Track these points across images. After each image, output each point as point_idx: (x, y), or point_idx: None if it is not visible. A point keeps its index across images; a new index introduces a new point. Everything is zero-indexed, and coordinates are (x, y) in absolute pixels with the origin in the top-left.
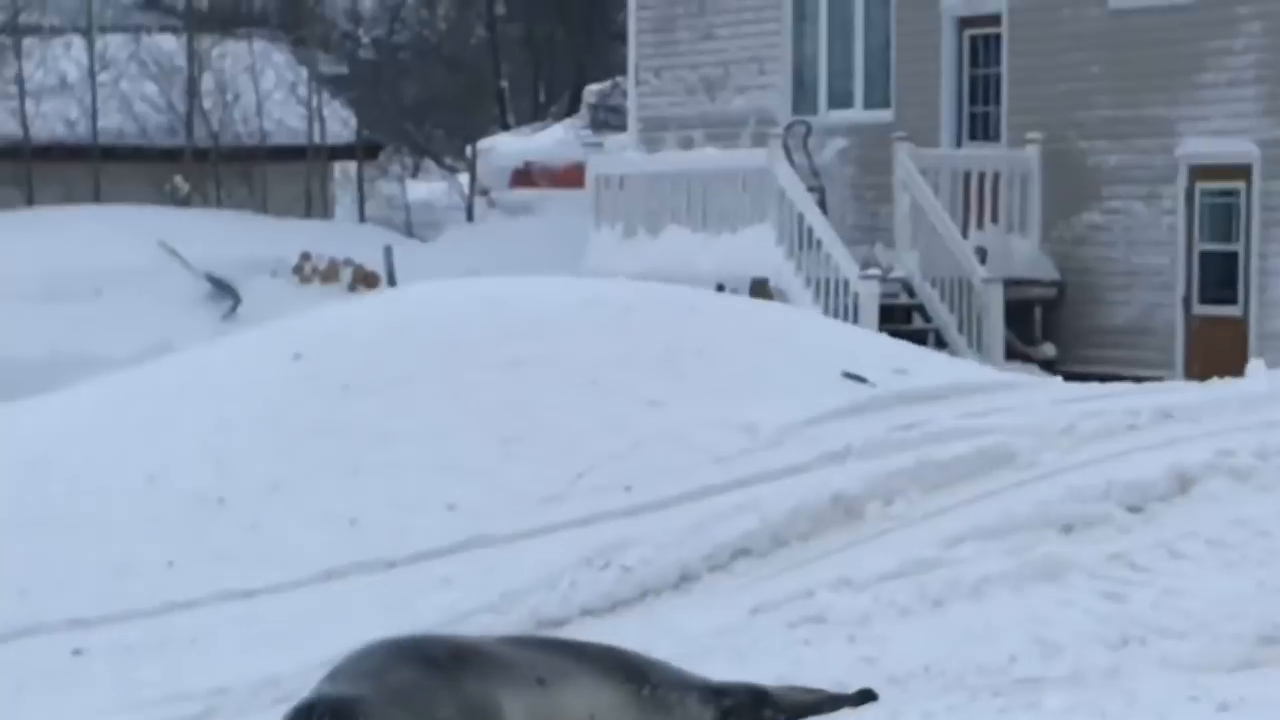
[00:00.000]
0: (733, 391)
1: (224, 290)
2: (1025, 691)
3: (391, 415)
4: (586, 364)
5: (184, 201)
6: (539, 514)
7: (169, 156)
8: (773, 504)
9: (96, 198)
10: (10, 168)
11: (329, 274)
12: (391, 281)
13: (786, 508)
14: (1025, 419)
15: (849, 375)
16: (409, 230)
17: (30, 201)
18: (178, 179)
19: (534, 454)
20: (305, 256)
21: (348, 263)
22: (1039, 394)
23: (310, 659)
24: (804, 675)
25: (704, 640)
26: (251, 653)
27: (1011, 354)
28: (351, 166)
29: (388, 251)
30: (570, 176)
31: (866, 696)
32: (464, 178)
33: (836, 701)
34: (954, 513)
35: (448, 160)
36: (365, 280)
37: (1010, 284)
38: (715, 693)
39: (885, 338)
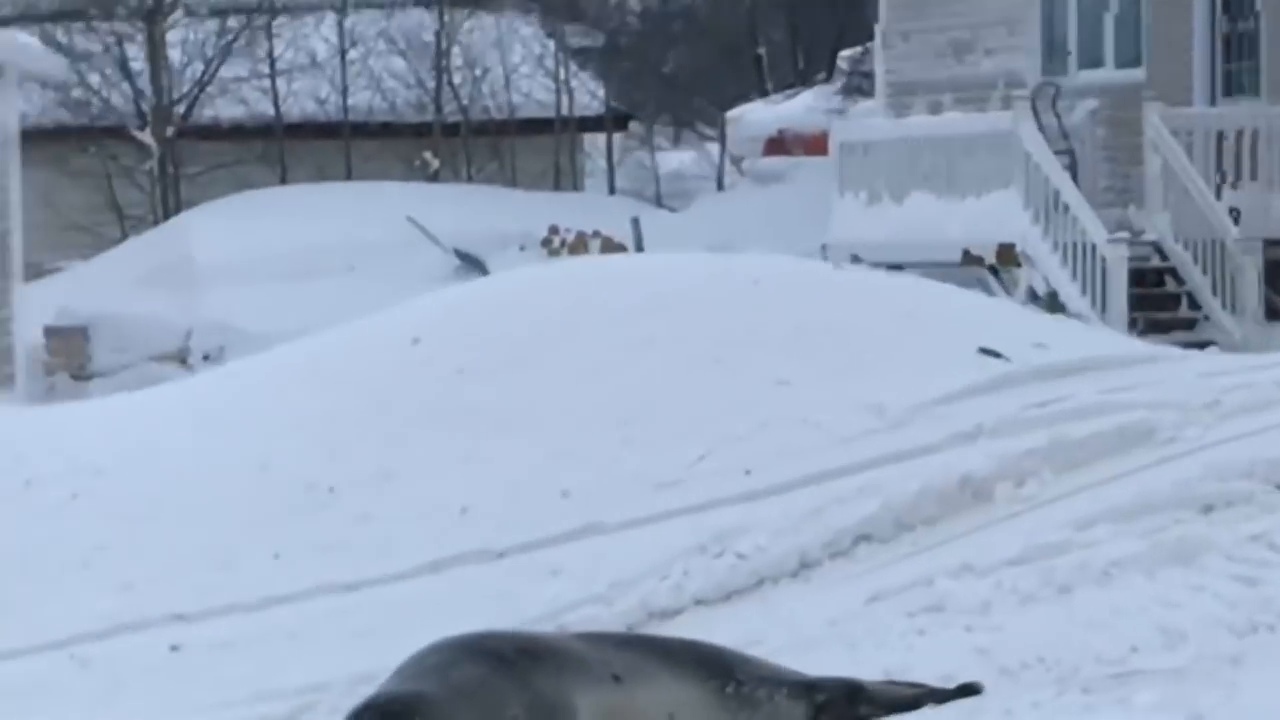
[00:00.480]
0: (862, 370)
1: (473, 265)
2: (1120, 686)
3: (507, 399)
4: (712, 342)
5: (433, 177)
6: (654, 500)
7: (418, 132)
8: (897, 487)
9: (348, 175)
10: (263, 147)
11: (577, 246)
12: (640, 253)
13: (911, 491)
14: (1168, 393)
15: (984, 351)
16: (659, 201)
17: (283, 180)
18: (427, 154)
19: (652, 437)
20: (553, 230)
21: (596, 235)
22: (1185, 367)
23: (409, 654)
24: (915, 667)
25: (816, 630)
26: (351, 648)
27: (1273, 314)
28: (603, 139)
29: (635, 223)
30: (822, 143)
31: (968, 690)
32: (714, 147)
33: (936, 696)
34: (1087, 493)
35: (704, 129)
36: (614, 251)
37: (1270, 244)
38: (807, 688)
39: (1028, 311)
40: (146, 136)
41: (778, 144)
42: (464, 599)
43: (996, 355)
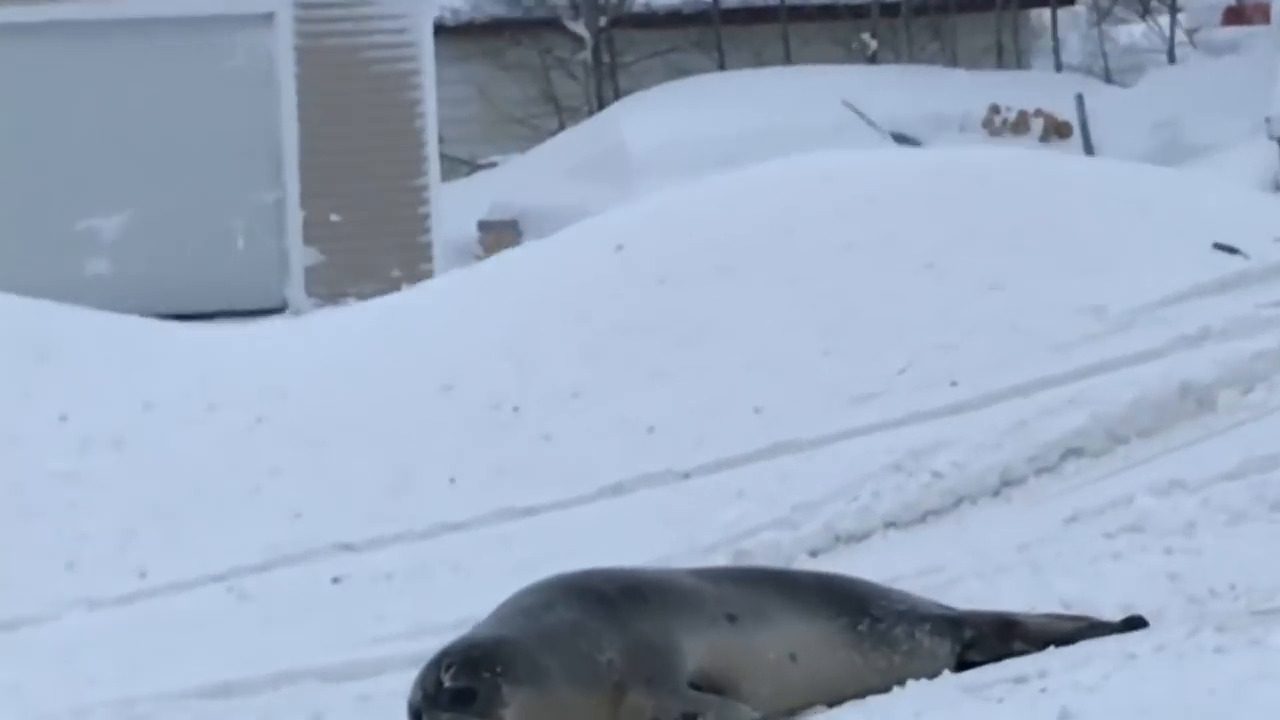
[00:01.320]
0: (1083, 270)
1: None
2: (1260, 624)
3: (706, 310)
4: (924, 245)
5: (871, 59)
6: (851, 415)
7: (856, 14)
8: (1111, 396)
9: (786, 59)
10: (699, 33)
11: (1018, 126)
12: (1084, 131)
13: (1126, 400)
14: None
15: (1220, 246)
16: (1108, 77)
17: (721, 66)
18: (865, 36)
19: (854, 348)
20: (994, 109)
21: (1038, 113)
22: None
23: None
24: (1098, 594)
25: (1005, 556)
26: (517, 579)
27: None
28: (1048, 14)
29: (1079, 100)
30: None
31: (1133, 624)
32: (1166, 20)
33: (1099, 629)
34: None
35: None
36: (1058, 130)
37: None
38: (953, 624)
39: (1273, 200)
40: (580, 27)
41: (1236, 13)
42: (642, 523)
43: (1233, 251)
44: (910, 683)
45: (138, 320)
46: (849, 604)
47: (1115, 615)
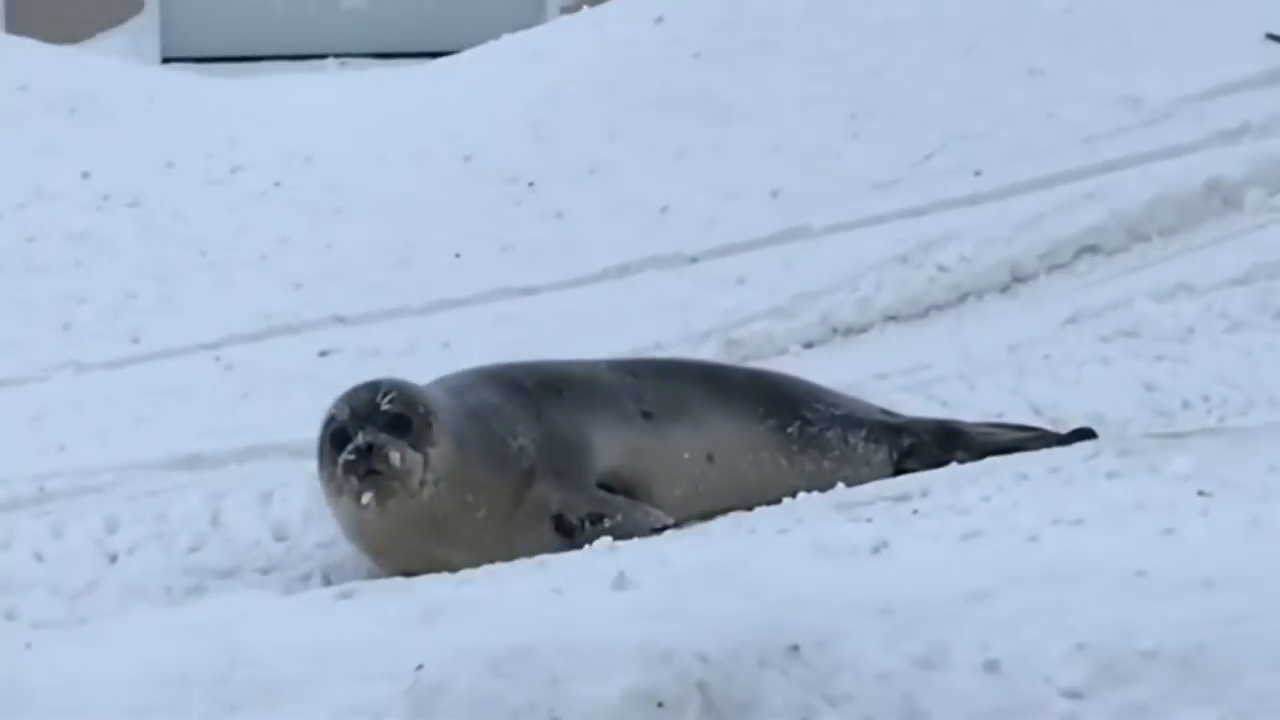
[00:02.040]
0: (1128, 58)
1: None
2: (1164, 449)
3: (736, 87)
4: (970, 27)
5: None
6: (868, 202)
7: None
8: (1132, 191)
9: None
10: None
11: None
12: None
13: (1146, 197)
14: None
15: (1272, 37)
16: None
17: None
18: None
19: (882, 131)
20: None
21: None
22: None
23: None
24: (1071, 400)
25: (993, 355)
26: (504, 356)
27: None
28: None
29: None
30: None
31: (1081, 435)
32: None
33: (1044, 440)
34: None
35: None
36: None
37: None
38: (892, 430)
39: None
40: None
41: None
42: (640, 307)
43: None
44: (801, 496)
45: (176, 74)
46: (780, 405)
47: (1081, 423)
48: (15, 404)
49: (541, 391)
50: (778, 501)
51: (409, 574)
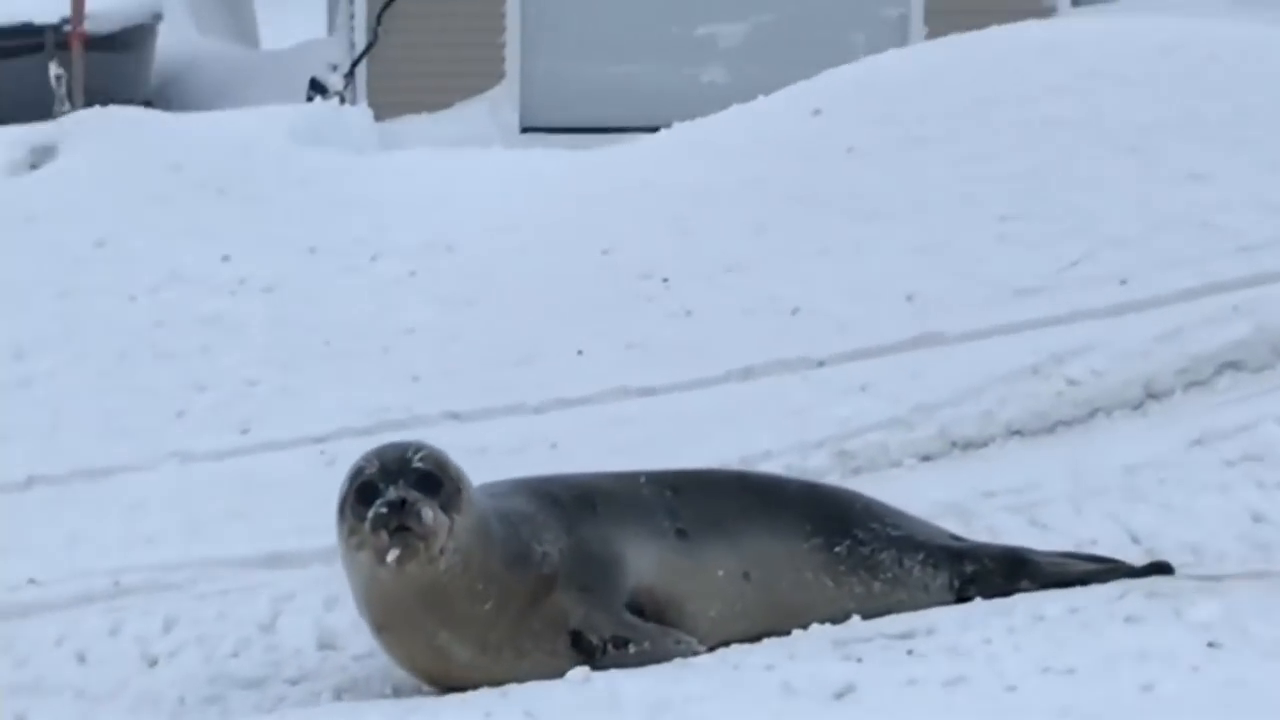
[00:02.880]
0: None
1: None
2: (1199, 592)
3: (885, 184)
4: (1132, 127)
5: None
6: (1006, 310)
7: None
8: None
9: None
10: None
11: None
12: None
13: None
14: None
15: None
16: None
17: None
18: None
19: (1030, 235)
20: None
21: None
22: None
23: None
24: (1171, 529)
25: (1106, 477)
26: (610, 460)
27: None
28: None
29: None
30: None
31: (1157, 570)
32: None
33: (1117, 573)
34: None
35: None
36: None
37: None
38: (953, 556)
39: None
40: None
41: None
42: (756, 412)
43: None
44: (814, 626)
45: (330, 154)
46: (831, 522)
47: (1176, 555)
48: (116, 493)
49: (575, 504)
50: (826, 622)
51: (411, 660)
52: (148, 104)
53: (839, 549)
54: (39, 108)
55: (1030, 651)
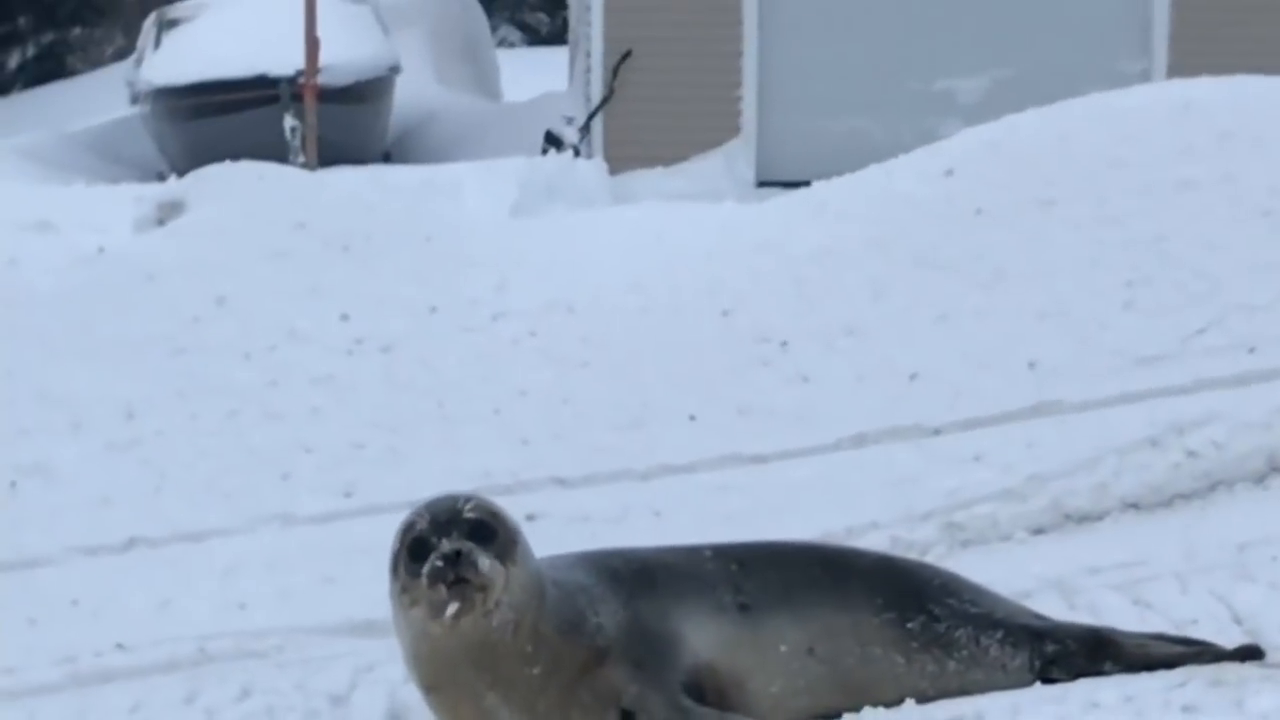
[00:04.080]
0: None
1: None
2: (1266, 680)
3: (1011, 247)
4: (1263, 190)
5: None
6: (1129, 378)
7: None
8: None
9: None
10: None
11: None
12: None
13: None
14: None
15: None
16: None
17: None
18: None
19: (1157, 302)
20: None
21: None
22: None
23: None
24: (1273, 611)
25: (1218, 554)
26: (716, 529)
27: None
28: None
29: None
30: None
31: (1249, 654)
32: None
33: (1206, 656)
34: None
35: None
36: None
37: None
38: (1033, 635)
39: None
40: None
41: None
42: (868, 481)
43: None
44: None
45: (462, 213)
46: (904, 597)
47: (1277, 636)
48: (214, 556)
49: (635, 578)
50: (896, 703)
51: None
52: (386, 156)
53: (912, 625)
54: (274, 159)
55: None
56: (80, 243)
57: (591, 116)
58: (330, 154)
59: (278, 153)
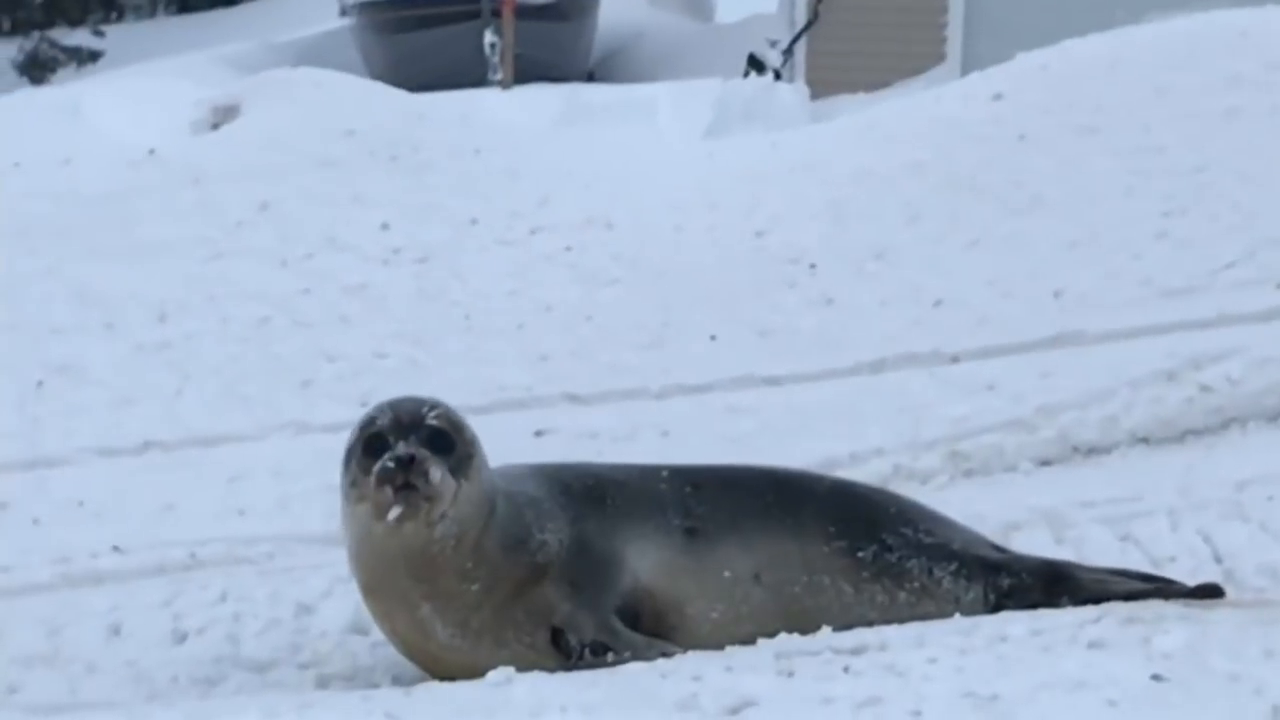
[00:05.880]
0: None
1: None
2: (1181, 620)
3: (1050, 174)
4: None
5: None
6: (1152, 310)
7: None
8: None
9: None
10: None
11: None
12: None
13: None
14: None
15: None
16: None
17: None
18: None
19: (1188, 234)
20: None
21: None
22: None
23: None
24: (1251, 552)
25: (1216, 491)
26: (719, 450)
27: None
28: None
29: None
30: None
31: (1208, 592)
32: None
33: (1165, 592)
34: None
35: None
36: None
37: None
38: (989, 568)
39: None
40: None
41: None
42: (878, 407)
43: None
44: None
45: (512, 125)
46: (857, 525)
47: (1254, 579)
48: (224, 461)
49: (585, 495)
50: (843, 629)
51: (395, 631)
52: (590, 75)
53: (863, 554)
54: (474, 75)
55: (970, 675)
56: (133, 144)
57: (795, 40)
58: (529, 71)
59: (478, 68)
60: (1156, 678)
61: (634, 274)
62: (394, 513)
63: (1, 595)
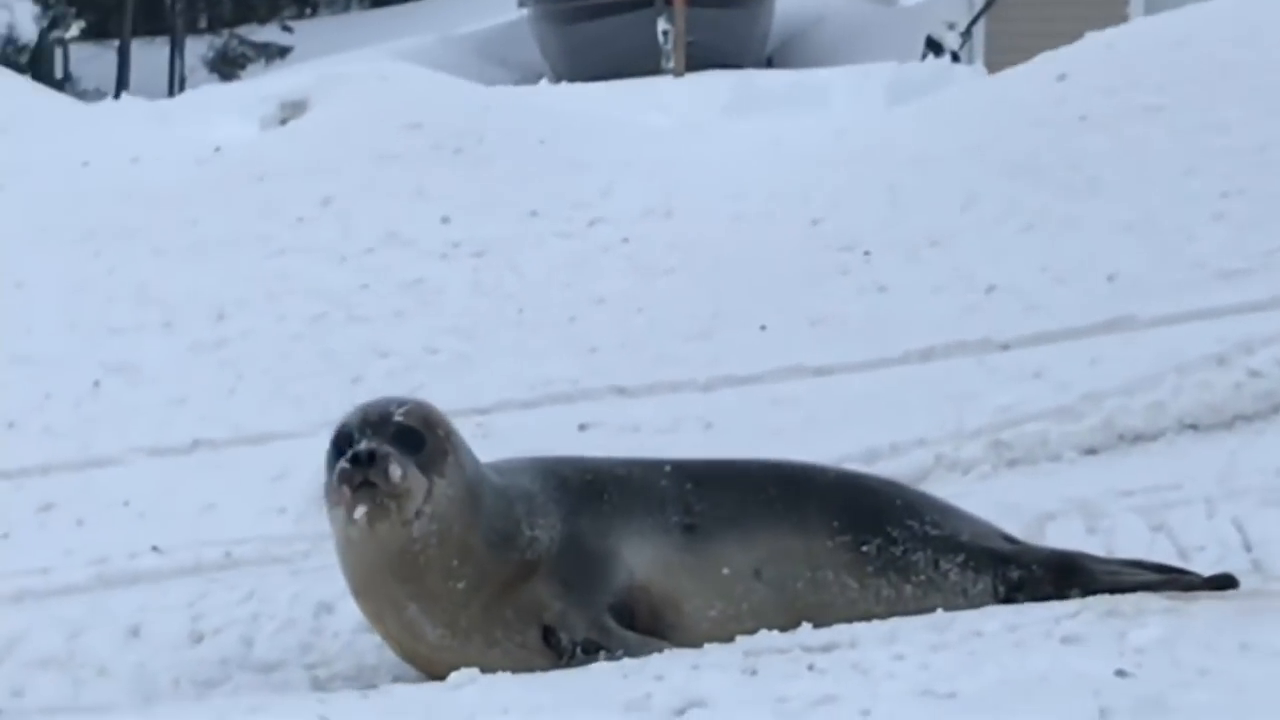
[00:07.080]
0: None
1: None
2: (1161, 614)
3: (1109, 156)
4: None
5: None
6: (1207, 293)
7: None
8: None
9: None
10: None
11: None
12: None
13: None
14: None
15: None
16: None
17: None
18: None
19: (1247, 215)
20: None
21: None
22: None
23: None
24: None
25: (1250, 480)
26: (762, 444)
27: None
28: None
29: None
30: None
31: (1222, 583)
32: None
33: (1179, 584)
34: None
35: None
36: None
37: None
38: (998, 560)
39: None
40: None
41: None
42: (925, 396)
43: None
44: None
45: (578, 117)
46: (862, 519)
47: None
48: (271, 460)
49: (582, 490)
50: (846, 622)
51: (386, 633)
52: (769, 61)
53: (867, 548)
54: (648, 63)
55: (934, 672)
56: (201, 141)
57: (974, 21)
58: (703, 58)
59: (652, 56)
60: (1120, 673)
61: (689, 264)
62: (359, 512)
63: (34, 598)
